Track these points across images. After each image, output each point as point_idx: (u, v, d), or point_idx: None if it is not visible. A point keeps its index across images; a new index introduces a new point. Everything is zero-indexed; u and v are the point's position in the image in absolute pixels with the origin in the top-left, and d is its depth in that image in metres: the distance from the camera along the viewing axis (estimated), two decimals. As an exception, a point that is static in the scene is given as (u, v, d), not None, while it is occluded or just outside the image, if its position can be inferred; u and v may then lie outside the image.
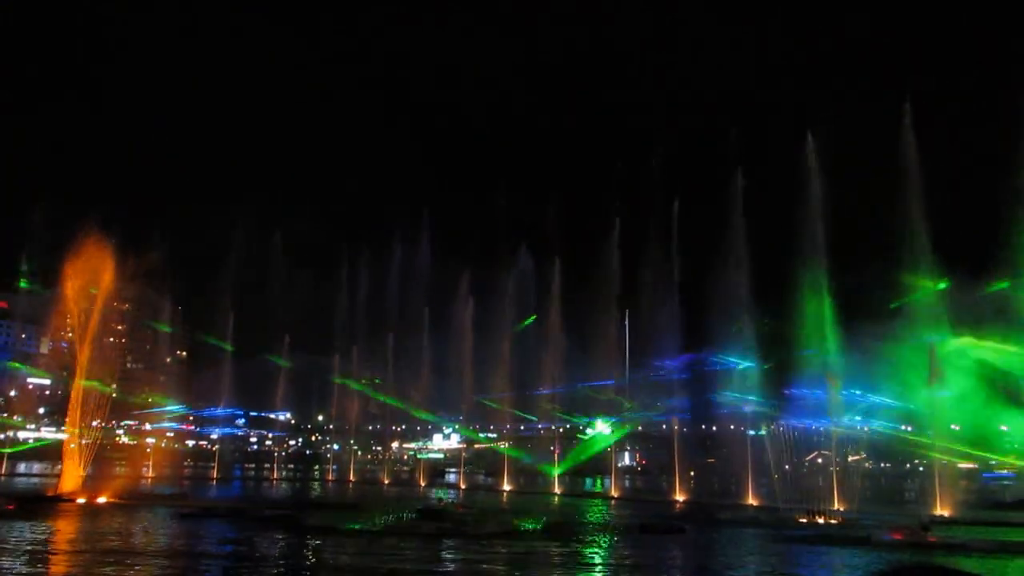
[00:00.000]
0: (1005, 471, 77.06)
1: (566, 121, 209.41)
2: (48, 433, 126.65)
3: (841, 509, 52.76)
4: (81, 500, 50.08)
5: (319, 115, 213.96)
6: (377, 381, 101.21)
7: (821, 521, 45.18)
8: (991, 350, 57.14)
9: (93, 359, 59.70)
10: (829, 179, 60.87)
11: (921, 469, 55.72)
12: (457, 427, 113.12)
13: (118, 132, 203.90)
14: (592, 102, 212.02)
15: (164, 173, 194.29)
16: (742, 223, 65.90)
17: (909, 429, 59.71)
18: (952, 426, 59.12)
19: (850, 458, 60.56)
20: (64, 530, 37.45)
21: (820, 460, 66.15)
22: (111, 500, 50.73)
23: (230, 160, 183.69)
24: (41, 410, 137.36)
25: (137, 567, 27.19)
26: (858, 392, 64.11)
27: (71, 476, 55.91)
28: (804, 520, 45.47)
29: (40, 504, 47.73)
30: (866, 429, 67.23)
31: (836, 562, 32.14)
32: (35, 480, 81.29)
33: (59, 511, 44.98)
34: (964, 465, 63.97)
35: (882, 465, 78.81)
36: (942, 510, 50.77)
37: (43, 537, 34.81)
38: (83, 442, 58.05)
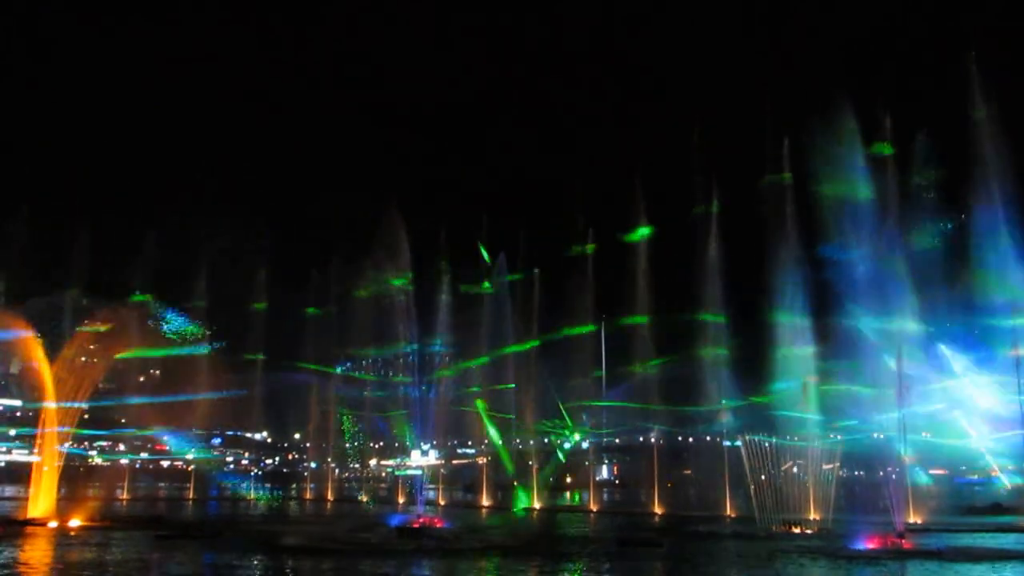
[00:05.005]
0: (975, 476, 78.15)
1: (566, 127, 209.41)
2: (20, 455, 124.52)
3: (817, 518, 53.20)
4: (53, 523, 49.32)
5: (292, 129, 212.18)
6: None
7: (797, 531, 45.59)
8: None
9: (64, 380, 58.86)
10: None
11: (894, 477, 56.31)
12: (434, 443, 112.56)
13: (83, 142, 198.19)
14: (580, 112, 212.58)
15: (137, 184, 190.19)
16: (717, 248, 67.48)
17: (881, 437, 60.40)
18: (923, 434, 60.03)
19: (824, 467, 61.04)
20: (31, 555, 36.88)
21: (795, 470, 66.66)
22: (84, 523, 50.00)
23: (199, 173, 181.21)
24: (12, 432, 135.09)
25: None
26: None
27: (43, 499, 54.99)
28: (781, 531, 45.85)
29: (10, 528, 46.99)
30: (839, 438, 67.87)
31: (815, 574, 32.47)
32: (6, 504, 79.84)
33: (29, 535, 44.28)
34: (935, 471, 64.87)
35: (856, 473, 79.58)
36: (915, 517, 51.37)
37: (8, 562, 34.26)
38: (55, 464, 57.16)
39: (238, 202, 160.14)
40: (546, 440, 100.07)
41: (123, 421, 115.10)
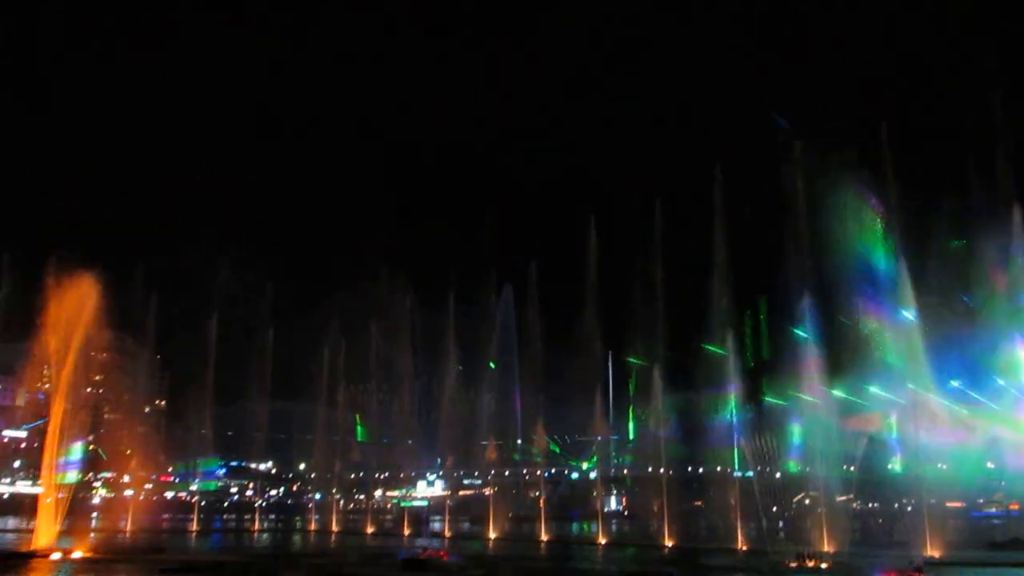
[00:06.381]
0: (993, 509, 76.80)
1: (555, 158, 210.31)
2: (24, 487, 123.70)
3: (831, 551, 52.16)
4: (56, 555, 48.66)
5: (297, 159, 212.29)
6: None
7: (811, 565, 44.63)
8: None
9: (69, 411, 58.52)
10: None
11: (910, 509, 55.28)
12: (441, 474, 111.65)
13: (87, 170, 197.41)
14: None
15: (139, 212, 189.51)
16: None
17: (897, 469, 59.53)
18: (940, 465, 58.97)
19: (838, 498, 60.09)
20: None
21: (808, 501, 65.62)
22: (87, 555, 49.33)
23: (203, 202, 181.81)
24: (16, 463, 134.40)
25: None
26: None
27: (46, 531, 54.42)
28: (794, 564, 44.91)
29: (13, 560, 46.38)
30: (853, 469, 66.92)
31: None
32: (9, 536, 79.07)
33: (32, 567, 43.68)
34: (952, 504, 63.65)
35: (870, 505, 78.24)
36: (933, 551, 50.25)
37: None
38: (59, 495, 56.71)
39: (242, 235, 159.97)
40: (553, 470, 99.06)
41: (127, 452, 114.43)
